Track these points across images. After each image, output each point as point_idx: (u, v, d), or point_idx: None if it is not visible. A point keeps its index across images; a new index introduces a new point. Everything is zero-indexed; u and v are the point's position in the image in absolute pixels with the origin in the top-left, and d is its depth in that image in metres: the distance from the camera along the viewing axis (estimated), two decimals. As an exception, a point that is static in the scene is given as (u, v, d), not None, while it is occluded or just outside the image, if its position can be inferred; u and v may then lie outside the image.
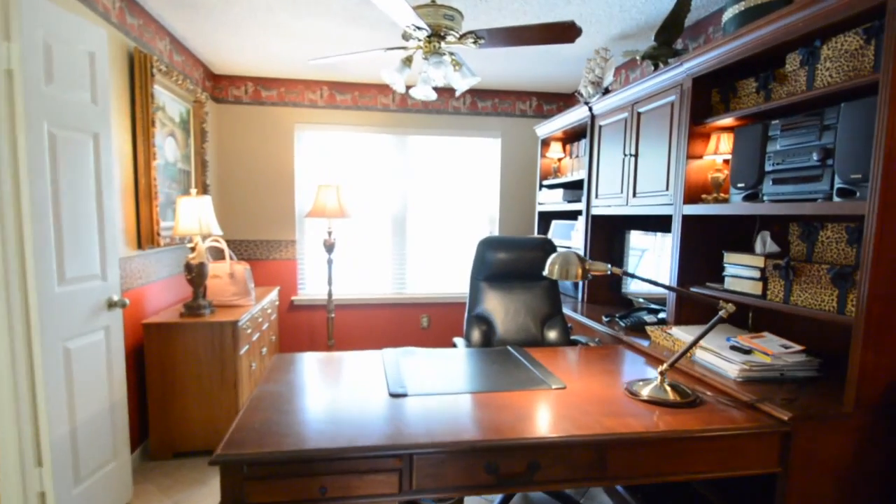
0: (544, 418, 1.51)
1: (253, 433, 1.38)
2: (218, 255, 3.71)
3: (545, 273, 1.79)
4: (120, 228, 2.63)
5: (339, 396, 1.67)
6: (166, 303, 3.21)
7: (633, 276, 1.78)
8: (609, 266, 1.71)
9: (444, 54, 2.43)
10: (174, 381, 2.83)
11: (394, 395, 1.67)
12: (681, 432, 1.45)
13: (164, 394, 2.83)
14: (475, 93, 4.54)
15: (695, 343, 1.72)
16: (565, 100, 4.69)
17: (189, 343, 2.82)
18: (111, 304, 2.27)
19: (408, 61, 2.48)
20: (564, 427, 1.45)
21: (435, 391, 1.71)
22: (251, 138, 4.27)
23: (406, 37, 2.41)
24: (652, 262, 2.84)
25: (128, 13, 2.70)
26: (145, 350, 2.78)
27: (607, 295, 3.37)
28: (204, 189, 3.74)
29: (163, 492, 2.58)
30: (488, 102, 4.56)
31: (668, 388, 1.69)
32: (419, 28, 2.26)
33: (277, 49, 3.52)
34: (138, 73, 2.74)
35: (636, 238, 3.02)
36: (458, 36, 2.42)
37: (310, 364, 2.02)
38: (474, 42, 2.42)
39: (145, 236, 2.84)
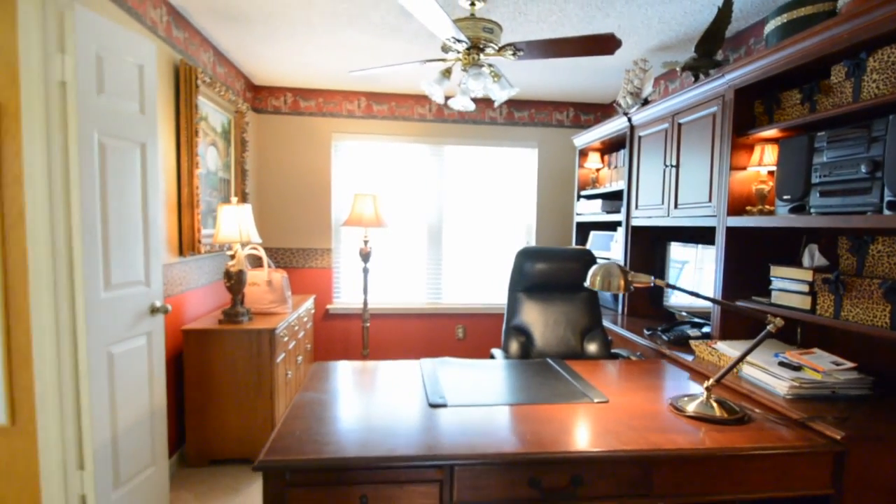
0: (587, 432, 1.47)
1: (294, 440, 1.39)
2: (256, 262, 3.79)
3: (587, 284, 1.76)
4: (163, 236, 2.70)
5: (378, 405, 1.66)
6: (205, 309, 3.28)
7: (677, 288, 1.73)
8: (652, 278, 1.67)
9: (483, 66, 2.45)
10: (211, 389, 2.88)
11: (433, 406, 1.66)
12: (730, 450, 1.40)
13: (201, 401, 2.88)
14: (512, 103, 4.55)
15: (742, 358, 1.66)
16: (603, 110, 4.65)
17: (227, 350, 2.86)
18: (154, 310, 2.33)
19: (447, 73, 2.50)
20: (608, 442, 1.41)
21: (474, 402, 1.69)
22: (289, 148, 4.36)
23: (445, 49, 2.43)
24: (692, 274, 2.76)
25: (174, 27, 2.80)
26: (184, 356, 2.84)
27: (648, 308, 3.29)
28: (243, 198, 3.83)
29: (198, 498, 2.62)
30: (525, 112, 4.56)
31: (714, 404, 1.63)
32: (459, 41, 2.28)
33: (316, 61, 3.60)
34: (183, 85, 2.84)
35: (676, 250, 2.95)
36: (496, 48, 2.43)
37: (348, 372, 2.03)
38: (513, 54, 2.42)
39: (187, 243, 2.92)
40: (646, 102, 3.14)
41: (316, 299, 4.47)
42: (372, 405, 1.67)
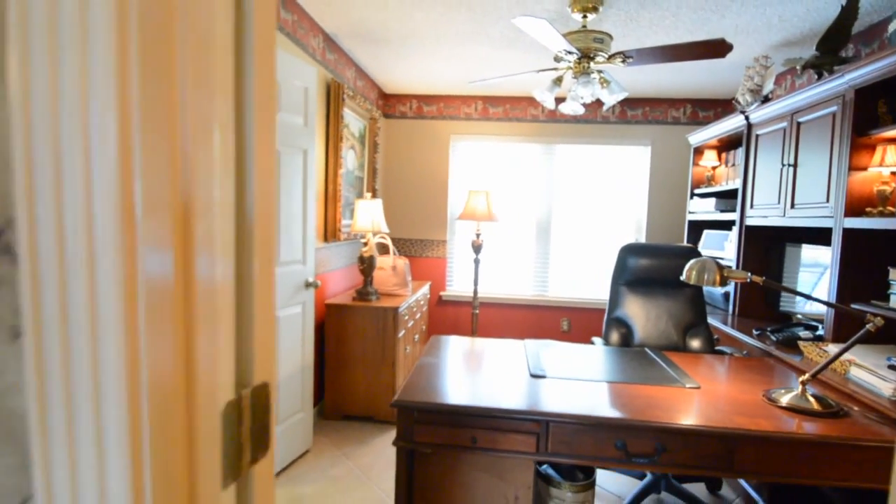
0: (674, 409, 1.65)
1: (419, 389, 1.74)
2: (383, 250, 4.29)
3: (682, 278, 1.91)
4: (314, 224, 3.25)
5: (486, 372, 1.97)
6: (342, 288, 3.83)
7: (778, 287, 1.81)
8: (749, 274, 1.78)
9: (593, 73, 2.63)
10: (345, 355, 3.39)
11: (534, 376, 1.93)
12: (815, 437, 1.49)
13: (337, 364, 3.41)
14: (625, 102, 4.58)
15: (839, 355, 1.70)
16: (723, 105, 4.52)
17: (359, 323, 3.36)
18: (308, 285, 2.86)
19: (558, 81, 2.72)
20: (694, 418, 1.58)
21: (572, 376, 1.93)
22: (413, 149, 4.84)
23: (557, 59, 2.65)
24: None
25: (327, 51, 3.33)
26: (325, 326, 3.39)
27: (763, 310, 3.22)
28: (374, 193, 4.36)
29: (334, 444, 3.13)
30: (638, 111, 4.58)
31: (810, 398, 1.70)
32: (570, 52, 2.49)
33: (440, 71, 3.99)
34: (333, 100, 3.36)
35: (810, 253, 2.79)
36: (606, 56, 2.60)
37: (461, 345, 2.36)
38: (622, 61, 2.57)
39: (330, 232, 3.46)
40: (766, 100, 3.09)
41: (431, 286, 4.91)
42: (481, 371, 1.98)
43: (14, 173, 0.47)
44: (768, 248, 3.20)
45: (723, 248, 3.55)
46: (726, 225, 3.69)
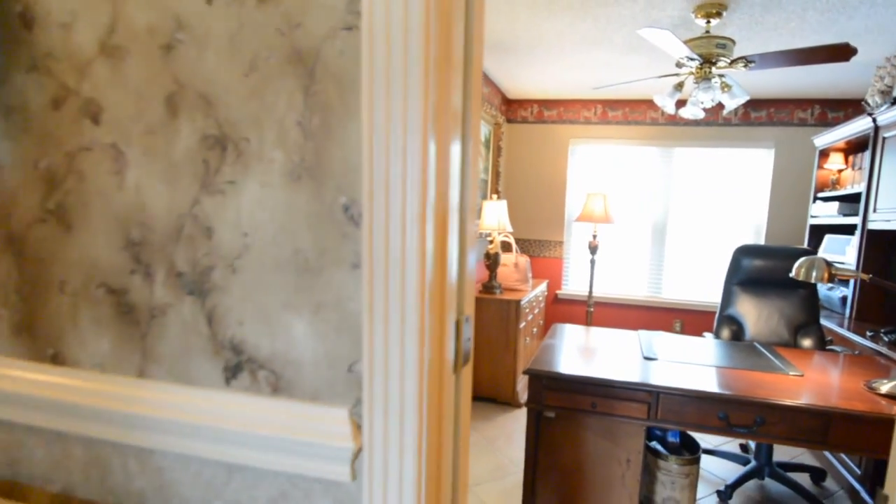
0: (775, 389, 1.81)
1: (546, 362, 2.07)
2: (505, 248, 4.66)
3: (792, 274, 2.02)
4: (446, 223, 3.69)
5: (603, 353, 2.24)
6: (466, 280, 4.26)
7: (884, 283, 1.87)
8: (857, 272, 1.86)
9: (714, 78, 2.76)
10: (472, 341, 3.78)
11: (646, 358, 2.16)
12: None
13: (463, 346, 3.82)
14: (749, 103, 4.49)
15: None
16: (854, 106, 4.25)
17: (485, 313, 3.74)
18: (443, 274, 3.30)
19: (679, 86, 2.88)
20: (792, 397, 1.73)
21: (681, 360, 2.14)
22: (533, 152, 5.14)
23: (679, 65, 2.81)
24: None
25: (461, 69, 3.75)
26: (454, 312, 3.82)
27: (881, 314, 3.11)
28: (498, 195, 4.74)
29: (460, 416, 3.55)
30: (762, 112, 4.47)
31: (912, 388, 1.77)
32: (692, 59, 2.65)
33: (561, 76, 4.24)
34: (465, 112, 3.79)
35: None
36: (728, 61, 2.71)
37: (579, 332, 2.65)
38: (744, 66, 2.68)
39: (459, 229, 3.89)
40: None
41: (548, 284, 5.17)
42: (598, 352, 2.26)
43: (362, 172, 0.87)
44: (891, 253, 3.10)
45: (844, 252, 3.45)
46: (849, 230, 3.56)
